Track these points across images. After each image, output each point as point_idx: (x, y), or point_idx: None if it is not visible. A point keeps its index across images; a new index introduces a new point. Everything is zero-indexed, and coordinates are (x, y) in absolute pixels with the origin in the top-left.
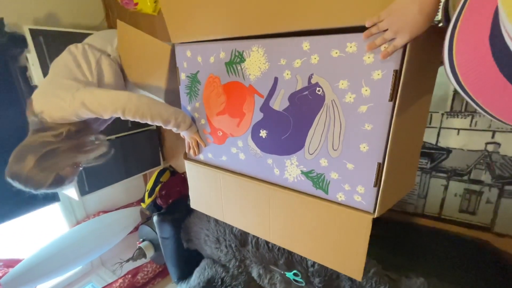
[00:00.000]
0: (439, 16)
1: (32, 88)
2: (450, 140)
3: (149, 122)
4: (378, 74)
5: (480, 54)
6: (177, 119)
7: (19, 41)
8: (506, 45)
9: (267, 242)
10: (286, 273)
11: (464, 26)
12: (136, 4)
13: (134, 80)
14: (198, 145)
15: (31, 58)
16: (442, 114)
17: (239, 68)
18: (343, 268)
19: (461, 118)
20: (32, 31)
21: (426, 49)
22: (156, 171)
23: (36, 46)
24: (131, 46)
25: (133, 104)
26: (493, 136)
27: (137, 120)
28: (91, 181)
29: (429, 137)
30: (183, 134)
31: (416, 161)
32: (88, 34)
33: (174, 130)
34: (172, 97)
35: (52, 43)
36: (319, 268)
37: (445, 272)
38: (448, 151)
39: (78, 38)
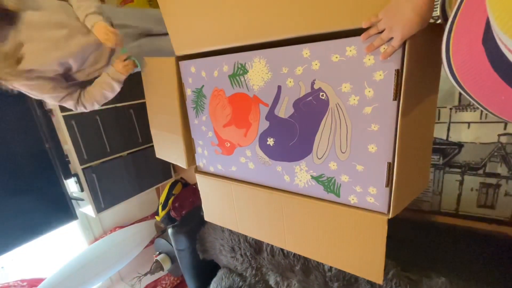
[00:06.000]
0: (437, 12)
1: (46, 112)
2: (461, 134)
3: None
4: (380, 75)
5: (475, 55)
6: None
7: None
8: (499, 48)
9: (282, 249)
10: None
11: (459, 28)
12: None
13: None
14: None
15: None
16: (451, 109)
17: (242, 79)
18: (362, 272)
19: (471, 111)
20: None
21: (427, 46)
22: (168, 183)
23: None
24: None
25: None
26: (505, 128)
27: None
28: (106, 198)
29: (439, 132)
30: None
31: (429, 158)
32: None
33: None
34: None
35: None
36: (336, 272)
37: (466, 269)
38: (460, 145)
39: None
